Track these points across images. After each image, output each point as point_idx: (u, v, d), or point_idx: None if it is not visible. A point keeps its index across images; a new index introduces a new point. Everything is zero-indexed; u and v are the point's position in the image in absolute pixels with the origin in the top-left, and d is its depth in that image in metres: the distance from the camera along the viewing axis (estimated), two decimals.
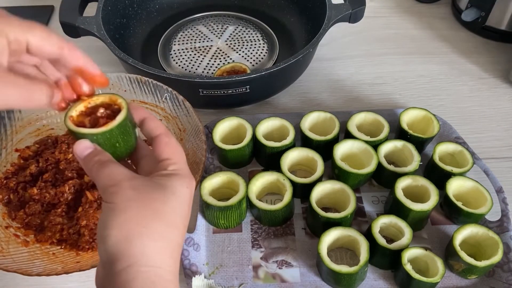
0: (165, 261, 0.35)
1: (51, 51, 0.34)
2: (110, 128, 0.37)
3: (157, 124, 0.40)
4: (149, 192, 0.35)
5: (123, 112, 0.38)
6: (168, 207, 0.35)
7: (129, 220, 0.34)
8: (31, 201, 0.57)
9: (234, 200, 0.57)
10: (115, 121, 0.37)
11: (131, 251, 0.33)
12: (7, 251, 0.52)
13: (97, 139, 0.38)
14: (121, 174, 0.36)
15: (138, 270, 0.33)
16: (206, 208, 0.59)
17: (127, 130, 0.39)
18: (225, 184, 0.61)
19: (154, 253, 0.34)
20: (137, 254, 0.33)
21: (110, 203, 0.35)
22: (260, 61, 0.82)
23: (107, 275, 0.34)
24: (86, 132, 0.37)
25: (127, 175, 0.36)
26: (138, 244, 0.33)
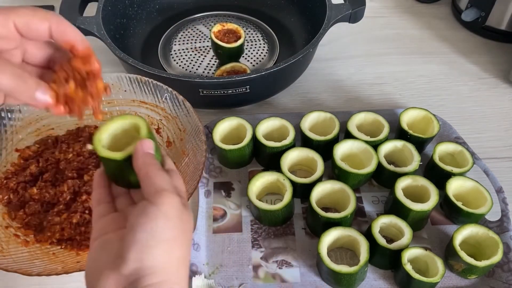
0: (187, 283, 0.36)
1: (40, 28, 0.34)
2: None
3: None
4: (186, 219, 0.37)
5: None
6: (191, 237, 0.38)
7: (175, 238, 0.35)
8: (31, 201, 0.57)
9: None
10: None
11: (170, 268, 0.34)
12: (7, 251, 0.52)
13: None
14: (177, 188, 0.38)
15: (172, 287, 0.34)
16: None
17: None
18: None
19: (184, 274, 0.36)
20: (174, 272, 0.35)
21: (165, 211, 0.35)
22: (261, 61, 0.82)
23: (131, 283, 0.33)
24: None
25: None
26: (176, 263, 0.35)
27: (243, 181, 0.66)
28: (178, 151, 0.63)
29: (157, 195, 0.36)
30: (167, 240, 0.35)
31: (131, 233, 0.35)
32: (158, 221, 0.35)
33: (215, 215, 0.62)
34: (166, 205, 0.35)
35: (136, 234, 0.34)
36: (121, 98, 0.66)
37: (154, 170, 0.37)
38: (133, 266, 0.33)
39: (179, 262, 0.35)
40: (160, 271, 0.34)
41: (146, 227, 0.34)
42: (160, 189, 0.36)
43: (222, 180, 0.66)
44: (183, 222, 0.36)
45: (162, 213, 0.35)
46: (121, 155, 0.38)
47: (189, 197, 0.54)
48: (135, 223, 0.35)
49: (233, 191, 0.65)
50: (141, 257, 0.34)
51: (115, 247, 0.35)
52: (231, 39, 0.78)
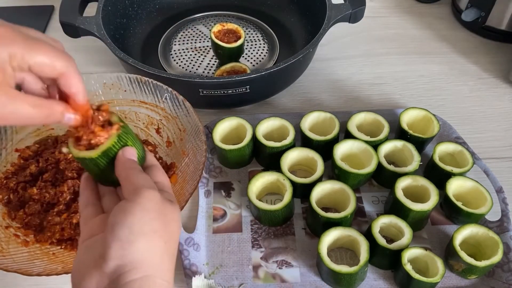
0: (172, 278, 0.36)
1: (50, 76, 0.35)
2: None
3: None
4: (169, 212, 0.38)
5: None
6: (177, 231, 0.38)
7: (155, 231, 0.35)
8: (31, 201, 0.57)
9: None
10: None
11: (152, 262, 0.34)
12: (7, 251, 0.52)
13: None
14: (151, 181, 0.39)
15: (154, 282, 0.34)
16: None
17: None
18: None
19: (168, 269, 0.36)
20: (156, 266, 0.35)
21: (142, 205, 0.36)
22: (261, 61, 0.82)
23: (112, 283, 0.33)
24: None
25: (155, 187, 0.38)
26: (159, 257, 0.35)
27: (243, 181, 0.66)
28: (178, 151, 0.63)
29: (135, 192, 0.36)
30: (147, 233, 0.35)
31: (110, 231, 0.35)
32: (136, 215, 0.35)
33: (215, 215, 0.62)
34: (143, 199, 0.36)
35: (115, 231, 0.34)
36: (121, 98, 0.66)
37: (134, 172, 0.38)
38: (114, 263, 0.34)
39: (162, 255, 0.35)
40: (142, 266, 0.34)
41: (124, 223, 0.35)
42: (138, 186, 0.37)
43: (222, 180, 0.66)
44: (164, 214, 0.37)
45: (140, 207, 0.35)
46: (95, 153, 0.38)
47: (189, 197, 0.54)
48: (114, 220, 0.35)
49: (233, 191, 0.65)
50: (122, 253, 0.34)
51: (99, 248, 0.35)
52: (231, 39, 0.78)
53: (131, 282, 0.33)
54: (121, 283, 0.33)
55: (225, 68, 0.77)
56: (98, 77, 0.65)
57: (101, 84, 0.65)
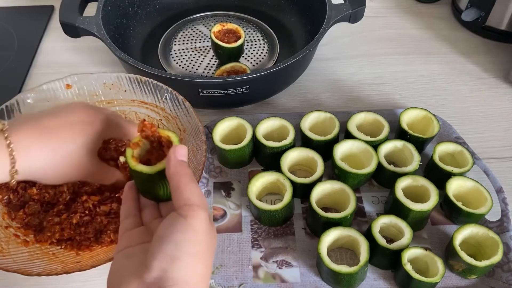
0: None
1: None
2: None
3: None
4: (212, 235, 0.37)
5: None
6: (213, 253, 0.38)
7: (200, 253, 0.35)
8: (31, 201, 0.57)
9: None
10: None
11: (191, 283, 0.34)
12: (7, 251, 0.52)
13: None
14: (206, 202, 0.38)
15: None
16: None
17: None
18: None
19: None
20: (194, 287, 0.34)
21: (193, 226, 0.35)
22: (261, 61, 0.82)
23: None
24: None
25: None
26: (198, 279, 0.35)
27: (243, 181, 0.66)
28: None
29: (187, 208, 0.36)
30: (193, 254, 0.35)
31: (157, 242, 0.35)
32: (186, 234, 0.35)
33: (215, 215, 0.62)
34: (195, 219, 0.36)
35: (162, 244, 0.35)
36: (121, 98, 0.66)
37: (186, 182, 0.37)
38: (156, 275, 0.34)
39: (202, 279, 0.35)
40: (182, 284, 0.33)
41: (173, 238, 0.35)
42: (190, 202, 0.36)
43: (222, 180, 0.66)
44: (209, 238, 0.36)
45: (191, 227, 0.35)
46: (153, 170, 0.39)
47: None
48: (163, 233, 0.35)
49: (233, 191, 0.65)
50: (165, 267, 0.34)
51: (139, 258, 0.36)
52: (231, 39, 0.78)
53: None
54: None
55: (225, 68, 0.77)
56: (98, 77, 0.65)
57: (101, 84, 0.65)
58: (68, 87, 0.65)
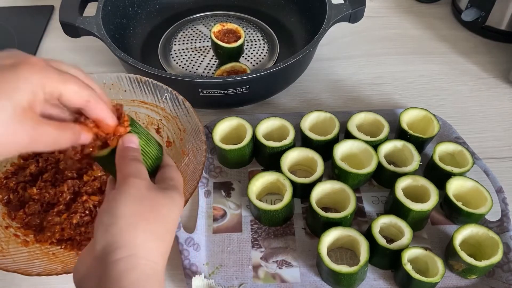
0: (160, 260, 0.37)
1: (79, 104, 0.37)
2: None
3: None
4: (160, 198, 0.39)
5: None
6: (171, 216, 0.39)
7: (138, 214, 0.36)
8: (31, 201, 0.57)
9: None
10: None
11: (134, 242, 0.35)
12: (7, 251, 0.52)
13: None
14: (145, 174, 0.40)
15: (137, 262, 0.35)
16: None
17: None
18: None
19: (154, 249, 0.36)
20: (139, 246, 0.35)
21: (125, 192, 0.37)
22: (261, 61, 0.82)
23: (100, 264, 0.35)
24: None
25: (148, 178, 0.40)
26: (142, 237, 0.36)
27: (243, 181, 0.66)
28: (178, 151, 0.63)
29: (121, 182, 0.38)
30: (127, 215, 0.36)
31: (97, 218, 0.37)
32: (118, 201, 0.36)
33: (215, 215, 0.62)
34: (127, 186, 0.37)
35: (100, 217, 0.37)
36: (121, 98, 0.66)
37: (125, 161, 0.39)
38: (100, 245, 0.35)
39: (146, 236, 0.36)
40: (124, 246, 0.35)
41: (108, 209, 0.36)
42: (125, 175, 0.38)
43: (222, 180, 0.66)
44: (150, 199, 0.37)
45: (124, 194, 0.37)
46: (106, 151, 0.40)
47: (189, 197, 0.54)
48: (101, 209, 0.37)
49: (233, 191, 0.65)
50: (105, 235, 0.35)
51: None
52: (231, 39, 0.78)
53: (117, 261, 0.34)
54: (107, 262, 0.34)
55: (225, 68, 0.77)
56: (98, 77, 0.65)
57: (101, 84, 0.65)
58: None
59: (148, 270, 0.35)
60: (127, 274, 0.34)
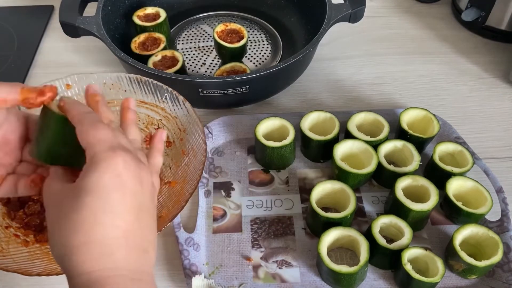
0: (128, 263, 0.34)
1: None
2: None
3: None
4: (144, 174, 0.36)
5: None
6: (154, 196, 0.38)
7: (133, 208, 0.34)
8: (31, 201, 0.57)
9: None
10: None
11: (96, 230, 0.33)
12: (7, 251, 0.52)
13: None
14: (119, 138, 0.37)
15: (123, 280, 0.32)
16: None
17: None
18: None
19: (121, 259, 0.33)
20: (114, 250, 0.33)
21: (115, 173, 0.33)
22: (264, 62, 0.82)
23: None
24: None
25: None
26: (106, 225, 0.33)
27: (243, 181, 0.66)
28: (178, 151, 0.63)
29: (100, 156, 0.34)
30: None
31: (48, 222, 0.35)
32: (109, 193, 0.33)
33: (215, 215, 0.62)
34: (111, 163, 0.34)
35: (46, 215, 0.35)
36: (121, 98, 0.66)
37: (88, 122, 0.36)
38: (56, 252, 0.34)
39: (104, 224, 0.32)
40: (88, 241, 0.32)
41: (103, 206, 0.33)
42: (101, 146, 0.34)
43: (222, 180, 0.66)
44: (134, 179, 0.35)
45: (112, 177, 0.34)
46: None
47: (189, 197, 0.54)
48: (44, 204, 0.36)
49: (233, 191, 0.65)
50: (57, 239, 0.34)
51: None
52: (234, 39, 0.78)
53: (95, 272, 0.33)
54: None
55: (225, 68, 0.77)
56: (98, 77, 0.65)
57: (101, 84, 0.65)
58: (68, 87, 0.65)
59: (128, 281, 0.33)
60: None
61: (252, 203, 0.63)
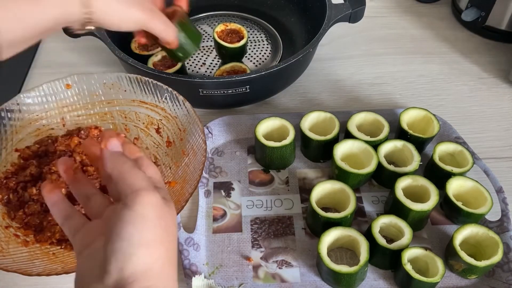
0: (174, 284, 0.35)
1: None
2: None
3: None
4: (166, 212, 0.36)
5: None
6: (175, 230, 0.37)
7: (156, 240, 0.34)
8: (31, 201, 0.57)
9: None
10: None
11: (152, 272, 0.33)
12: (7, 251, 0.52)
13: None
14: (153, 182, 0.37)
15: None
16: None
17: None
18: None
19: (170, 275, 0.35)
20: (158, 275, 0.33)
21: (141, 214, 0.34)
22: (264, 62, 0.82)
23: None
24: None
25: (154, 187, 0.36)
26: (160, 264, 0.34)
27: (243, 181, 0.66)
28: (178, 151, 0.63)
29: (131, 196, 0.34)
30: (147, 243, 0.33)
31: (109, 243, 0.33)
32: (135, 226, 0.33)
33: (215, 215, 0.62)
34: (143, 206, 0.34)
35: (114, 243, 0.33)
36: (121, 98, 0.66)
37: (129, 170, 0.36)
38: (115, 277, 0.32)
39: (163, 262, 0.34)
40: (142, 277, 0.32)
41: (123, 235, 0.33)
42: (134, 188, 0.35)
43: (222, 180, 0.66)
44: (163, 219, 0.35)
45: (139, 216, 0.34)
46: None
47: (189, 197, 0.54)
48: (112, 231, 0.34)
49: (233, 191, 0.65)
50: (122, 266, 0.32)
51: (99, 258, 0.34)
52: (234, 39, 0.78)
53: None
54: None
55: (225, 68, 0.77)
56: (98, 77, 0.65)
57: (101, 84, 0.65)
58: (68, 87, 0.65)
59: None
60: None
61: (252, 203, 0.64)
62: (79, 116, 0.67)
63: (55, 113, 0.66)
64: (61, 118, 0.66)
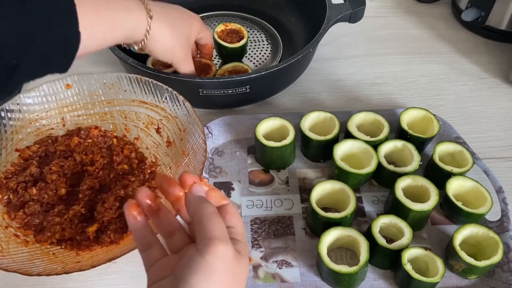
0: None
1: (203, 42, 0.71)
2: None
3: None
4: (235, 265, 0.35)
5: None
6: (242, 281, 0.37)
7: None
8: (31, 201, 0.57)
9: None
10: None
11: None
12: (7, 251, 0.52)
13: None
14: (225, 230, 0.36)
15: None
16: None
17: None
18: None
19: None
20: None
21: (214, 265, 0.34)
22: (264, 62, 0.82)
23: None
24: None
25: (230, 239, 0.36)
26: None
27: (243, 181, 0.66)
28: (178, 151, 0.63)
29: (205, 243, 0.34)
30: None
31: (174, 285, 0.34)
32: (201, 276, 0.33)
33: None
34: (212, 256, 0.34)
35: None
36: (121, 98, 0.66)
37: (209, 216, 0.36)
38: None
39: None
40: None
41: (188, 282, 0.33)
42: (210, 236, 0.34)
43: (222, 180, 0.66)
44: (232, 273, 0.35)
45: (208, 267, 0.33)
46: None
47: None
48: (180, 274, 0.34)
49: (233, 191, 0.65)
50: None
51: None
52: (234, 39, 0.78)
53: None
54: None
55: (227, 67, 0.77)
56: (98, 77, 0.65)
57: (101, 84, 0.65)
58: (68, 87, 0.65)
59: None
60: None
61: (252, 203, 0.64)
62: (79, 116, 0.67)
63: (55, 113, 0.66)
64: (61, 118, 0.66)
